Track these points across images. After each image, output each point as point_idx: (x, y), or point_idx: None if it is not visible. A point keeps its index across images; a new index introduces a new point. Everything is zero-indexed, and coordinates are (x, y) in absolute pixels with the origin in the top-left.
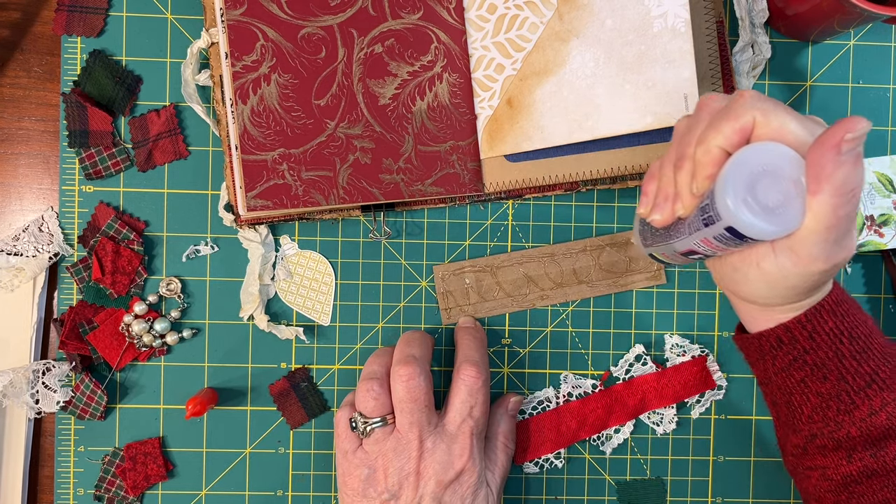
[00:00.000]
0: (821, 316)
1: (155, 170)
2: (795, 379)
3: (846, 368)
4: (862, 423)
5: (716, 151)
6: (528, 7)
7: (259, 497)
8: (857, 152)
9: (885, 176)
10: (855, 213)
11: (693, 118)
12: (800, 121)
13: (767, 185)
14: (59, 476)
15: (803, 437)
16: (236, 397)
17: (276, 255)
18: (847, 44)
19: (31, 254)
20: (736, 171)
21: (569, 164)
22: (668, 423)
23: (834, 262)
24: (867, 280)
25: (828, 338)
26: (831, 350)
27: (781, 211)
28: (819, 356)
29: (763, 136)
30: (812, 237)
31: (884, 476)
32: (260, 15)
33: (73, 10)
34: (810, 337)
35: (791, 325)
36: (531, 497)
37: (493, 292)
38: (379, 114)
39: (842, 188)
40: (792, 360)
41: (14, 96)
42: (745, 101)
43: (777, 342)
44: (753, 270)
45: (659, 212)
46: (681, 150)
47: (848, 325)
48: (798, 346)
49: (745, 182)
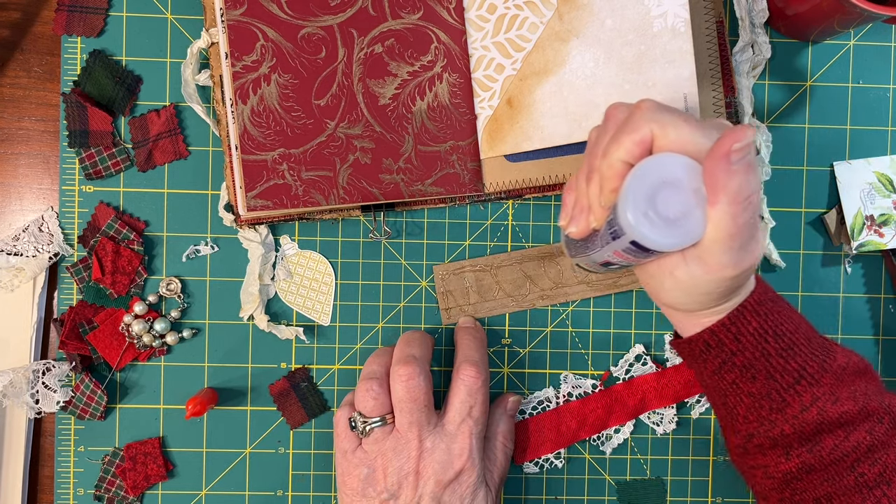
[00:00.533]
0: (744, 317)
1: (155, 170)
2: (727, 381)
3: (773, 367)
4: (794, 420)
5: (618, 165)
6: (528, 7)
7: (259, 497)
8: (748, 161)
9: (885, 176)
10: (755, 219)
11: (601, 129)
12: (699, 129)
13: (668, 197)
14: (59, 476)
15: (742, 436)
16: (236, 397)
17: (276, 255)
18: (847, 44)
19: (31, 254)
20: (635, 185)
21: (569, 164)
22: (668, 423)
23: (742, 268)
24: (867, 280)
25: (752, 338)
26: (757, 350)
27: (682, 222)
28: (746, 357)
29: (663, 147)
30: (716, 246)
31: (822, 470)
32: (260, 15)
33: (73, 10)
34: (735, 339)
35: (716, 328)
36: (531, 497)
37: (493, 292)
38: (379, 114)
39: (737, 196)
40: (721, 363)
41: (14, 96)
42: (643, 114)
43: (705, 346)
44: (668, 279)
45: (575, 224)
46: (590, 163)
47: (772, 323)
48: (725, 349)
49: (645, 195)
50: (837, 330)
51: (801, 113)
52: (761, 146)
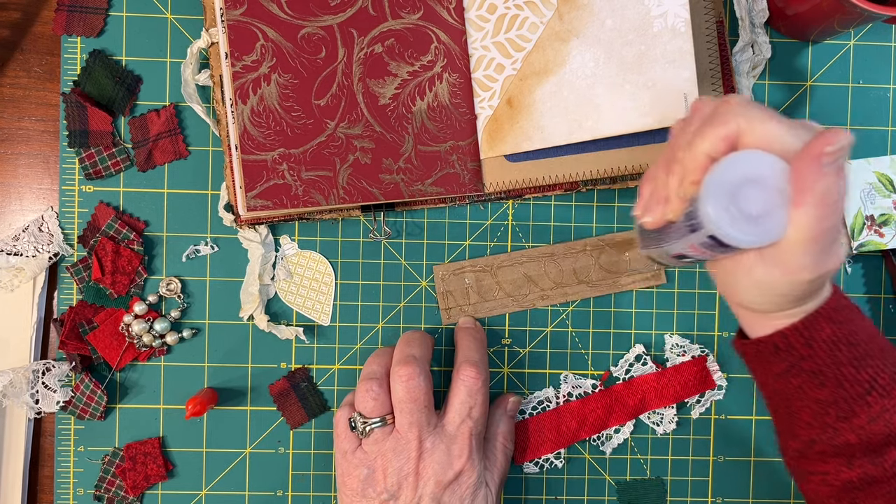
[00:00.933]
0: (818, 323)
1: (155, 170)
2: (793, 385)
3: (844, 375)
4: (861, 431)
5: (701, 158)
6: (528, 7)
7: (259, 497)
8: (839, 164)
9: (885, 176)
10: (839, 224)
11: (685, 121)
12: (788, 127)
13: (750, 194)
14: (59, 476)
15: (802, 441)
16: (236, 397)
17: (276, 255)
18: (847, 44)
19: (31, 254)
20: (719, 179)
21: (569, 164)
22: (668, 423)
23: (821, 272)
24: (867, 280)
25: (825, 345)
26: (829, 357)
27: (764, 220)
28: (816, 363)
29: (749, 144)
30: (797, 248)
31: (884, 483)
32: (260, 15)
33: (73, 10)
34: (807, 344)
35: (788, 331)
36: (531, 497)
37: (493, 292)
38: (379, 114)
39: (824, 199)
40: (789, 367)
41: (14, 96)
42: (731, 108)
43: (774, 349)
44: (745, 277)
45: (651, 214)
46: (671, 154)
47: (846, 331)
48: (795, 353)
49: (728, 190)
50: None
51: (801, 113)
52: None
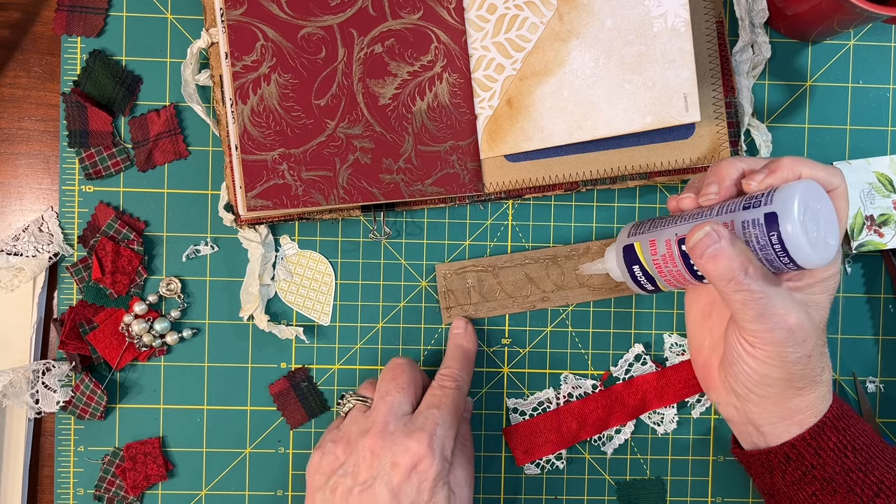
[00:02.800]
0: (824, 433)
1: (155, 170)
2: (806, 493)
3: (853, 481)
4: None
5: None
6: (528, 7)
7: (259, 497)
8: None
9: (885, 176)
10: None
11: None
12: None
13: (812, 219)
14: (59, 476)
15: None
16: (236, 397)
17: (276, 255)
18: (847, 44)
19: (31, 254)
20: (805, 189)
21: (569, 164)
22: (669, 423)
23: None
24: (867, 280)
25: (833, 453)
26: (837, 465)
27: (823, 242)
28: (826, 472)
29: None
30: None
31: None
32: (260, 15)
33: (73, 10)
34: (816, 454)
35: (796, 442)
36: (531, 497)
37: (494, 292)
38: (379, 114)
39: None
40: (801, 475)
41: (14, 96)
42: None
43: (785, 458)
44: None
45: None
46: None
47: (850, 437)
48: (805, 463)
49: (805, 201)
50: (837, 330)
51: (801, 113)
52: (761, 146)
